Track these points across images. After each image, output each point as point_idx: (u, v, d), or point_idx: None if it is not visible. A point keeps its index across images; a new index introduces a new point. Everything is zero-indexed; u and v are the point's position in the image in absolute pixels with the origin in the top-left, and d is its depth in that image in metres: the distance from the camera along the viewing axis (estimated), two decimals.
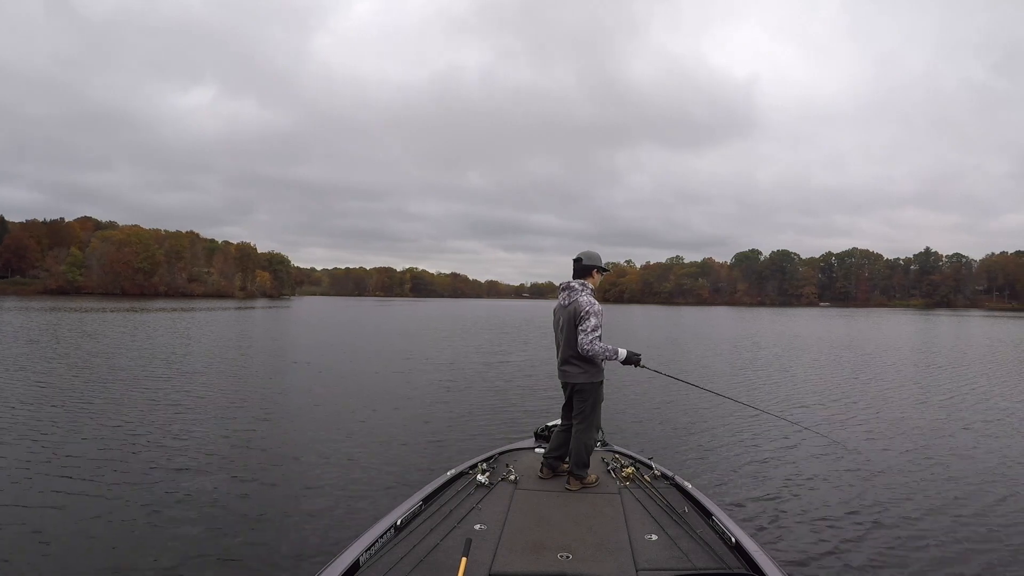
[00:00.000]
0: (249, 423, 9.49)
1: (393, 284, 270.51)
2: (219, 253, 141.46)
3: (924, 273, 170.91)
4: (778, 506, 6.07)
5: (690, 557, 3.16)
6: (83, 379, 13.35)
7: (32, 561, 4.59)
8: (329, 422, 9.65)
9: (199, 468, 7.06)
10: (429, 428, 9.43)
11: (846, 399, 12.64)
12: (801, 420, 9.54)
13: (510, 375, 15.71)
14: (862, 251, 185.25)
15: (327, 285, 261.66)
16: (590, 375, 4.49)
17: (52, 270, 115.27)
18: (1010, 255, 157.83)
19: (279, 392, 12.50)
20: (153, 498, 5.99)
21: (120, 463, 7.14)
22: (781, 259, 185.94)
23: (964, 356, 22.84)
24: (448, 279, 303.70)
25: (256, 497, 6.13)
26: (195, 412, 10.17)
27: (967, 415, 10.95)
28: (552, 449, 4.61)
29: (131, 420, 9.42)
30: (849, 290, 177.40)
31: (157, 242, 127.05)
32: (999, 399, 12.74)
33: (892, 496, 6.40)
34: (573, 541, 3.35)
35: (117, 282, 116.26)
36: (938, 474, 7.25)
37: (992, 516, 5.84)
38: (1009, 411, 11.35)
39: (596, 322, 4.38)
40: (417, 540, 3.33)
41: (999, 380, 15.83)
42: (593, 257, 4.69)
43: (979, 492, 6.57)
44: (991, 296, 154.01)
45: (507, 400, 11.96)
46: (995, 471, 7.39)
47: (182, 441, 8.24)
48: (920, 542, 5.19)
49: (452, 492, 4.11)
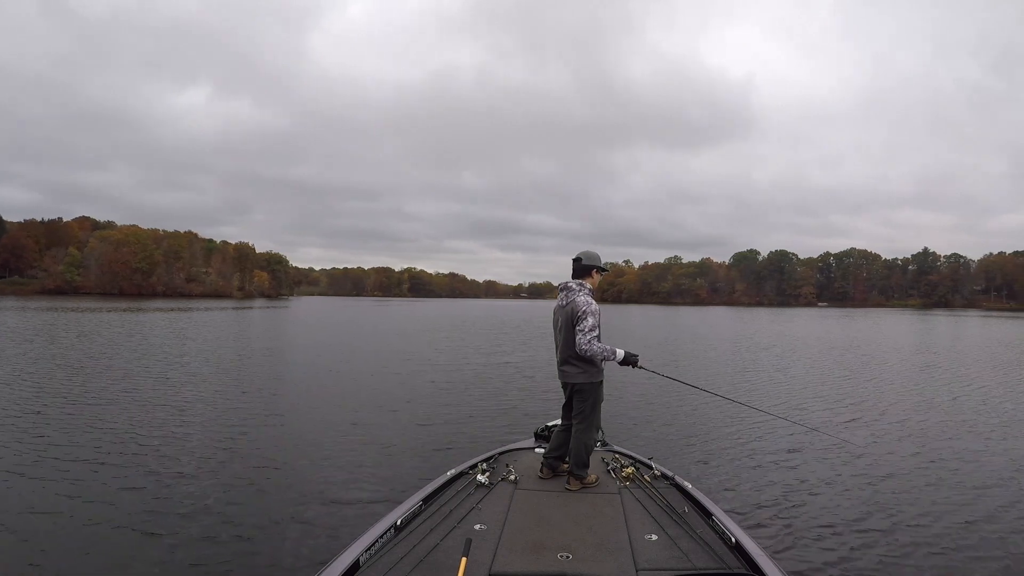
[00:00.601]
0: (248, 424, 9.47)
1: (391, 284, 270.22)
2: (217, 253, 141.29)
3: (922, 273, 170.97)
4: (778, 506, 6.07)
5: (690, 557, 3.16)
6: (78, 380, 13.32)
7: (24, 572, 4.55)
8: (329, 423, 9.64)
9: (198, 468, 7.04)
10: (429, 428, 9.43)
11: (848, 400, 12.62)
12: (802, 421, 9.51)
13: (510, 375, 15.71)
14: (860, 251, 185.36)
15: (325, 285, 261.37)
16: (589, 375, 4.49)
17: (50, 270, 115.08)
18: (1008, 255, 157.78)
19: (278, 393, 12.49)
20: (149, 499, 5.97)
21: (117, 464, 7.13)
22: (779, 259, 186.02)
23: (967, 357, 22.81)
24: (446, 279, 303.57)
25: (256, 497, 6.12)
26: (193, 413, 10.15)
27: (971, 416, 10.88)
28: (552, 449, 4.61)
29: (129, 420, 9.40)
30: (847, 290, 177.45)
31: (155, 242, 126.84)
32: (1002, 400, 12.66)
33: (894, 497, 6.39)
34: (573, 541, 3.35)
35: (115, 282, 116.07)
36: (942, 476, 7.21)
37: (995, 519, 5.80)
38: (1014, 413, 11.28)
39: (593, 322, 4.38)
40: (417, 540, 3.33)
41: (1003, 381, 15.75)
42: (592, 257, 4.69)
43: (983, 494, 6.53)
44: (989, 296, 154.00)
45: (507, 400, 11.96)
46: (1000, 474, 7.31)
47: (179, 442, 8.22)
48: (921, 544, 5.17)
49: (452, 492, 4.11)
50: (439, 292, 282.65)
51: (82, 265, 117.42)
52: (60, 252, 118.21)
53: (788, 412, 10.92)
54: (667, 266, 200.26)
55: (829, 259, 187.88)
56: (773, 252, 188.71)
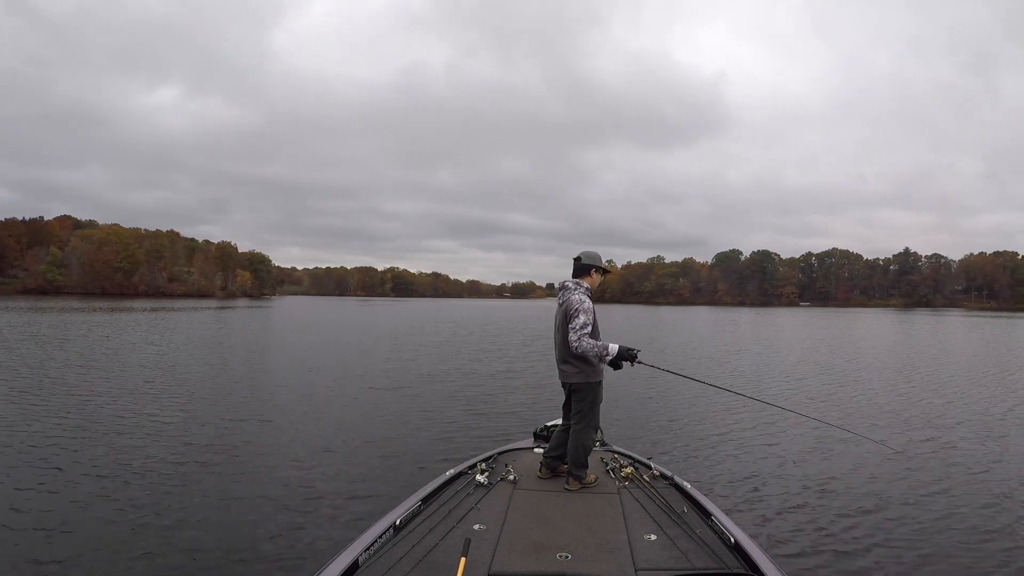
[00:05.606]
0: (244, 424, 9.41)
1: (374, 284, 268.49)
2: (199, 253, 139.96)
3: (903, 273, 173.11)
4: (778, 506, 6.10)
5: (689, 557, 3.18)
6: (66, 380, 13.15)
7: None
8: (328, 423, 9.60)
9: (196, 469, 7.00)
10: (428, 428, 9.41)
11: (854, 400, 12.65)
12: (802, 415, 9.36)
13: (508, 375, 15.73)
14: (842, 251, 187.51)
15: (308, 285, 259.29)
16: (586, 375, 4.49)
17: (31, 269, 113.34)
18: (988, 255, 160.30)
19: (272, 392, 12.43)
20: (146, 500, 5.90)
21: (113, 465, 7.04)
22: (761, 259, 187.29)
23: (964, 355, 23.01)
24: (430, 279, 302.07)
25: (255, 498, 6.08)
26: (191, 413, 10.05)
27: (976, 417, 10.83)
28: (551, 449, 4.62)
29: (126, 421, 9.29)
30: (829, 290, 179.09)
31: (137, 241, 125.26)
32: (1001, 401, 12.63)
33: (897, 498, 6.40)
34: (572, 541, 3.36)
35: (97, 282, 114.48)
36: (944, 477, 7.18)
37: (999, 522, 5.76)
38: (1012, 411, 11.32)
39: (585, 320, 4.38)
40: (416, 540, 3.33)
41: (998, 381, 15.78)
42: (592, 257, 4.74)
43: (986, 496, 6.50)
44: (970, 296, 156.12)
45: (506, 400, 11.97)
46: (999, 474, 7.32)
47: (177, 443, 8.15)
48: (922, 544, 5.19)
49: (451, 492, 4.11)
50: (423, 292, 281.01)
51: (64, 264, 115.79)
52: (42, 251, 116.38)
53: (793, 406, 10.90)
54: (650, 266, 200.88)
55: (811, 259, 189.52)
56: (755, 252, 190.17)
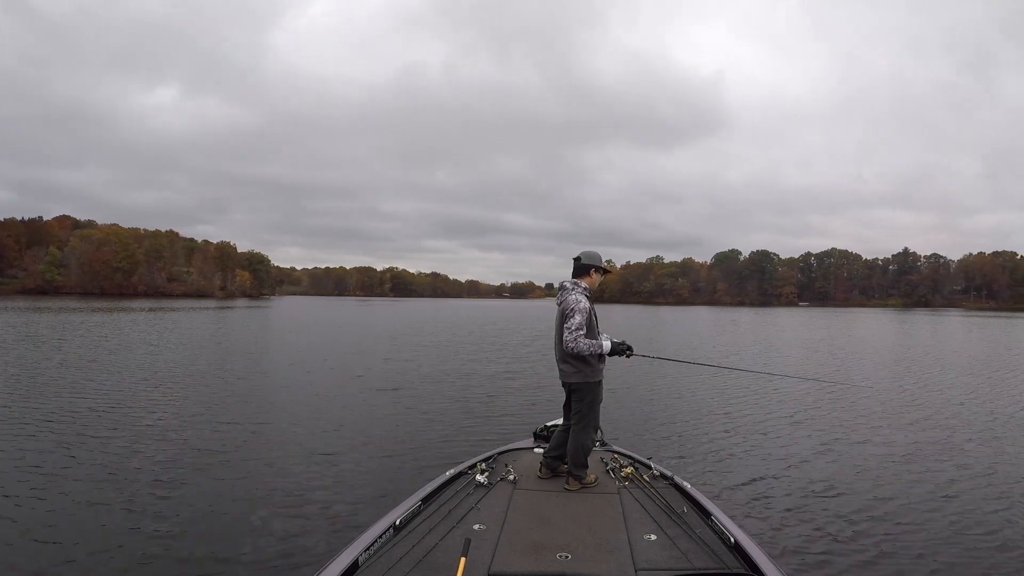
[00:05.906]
0: (244, 424, 9.40)
1: (373, 284, 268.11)
2: (199, 253, 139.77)
3: (902, 273, 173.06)
4: (778, 506, 6.10)
5: (689, 557, 3.18)
6: (64, 381, 13.14)
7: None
8: (327, 423, 9.59)
9: (194, 469, 6.99)
10: (428, 428, 9.40)
11: (858, 400, 12.57)
12: (806, 413, 9.30)
13: (508, 375, 15.73)
14: (841, 251, 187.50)
15: (307, 285, 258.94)
16: (585, 375, 4.50)
17: (30, 269, 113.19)
18: (987, 256, 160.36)
19: (273, 392, 12.43)
20: (143, 502, 5.90)
21: (111, 466, 7.04)
22: (761, 259, 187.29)
23: (964, 356, 22.94)
24: (429, 279, 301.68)
25: (254, 498, 6.08)
26: (190, 414, 10.04)
27: (976, 418, 10.78)
28: (551, 449, 4.63)
29: (124, 422, 9.29)
30: (828, 290, 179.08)
31: (136, 241, 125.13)
32: (1002, 402, 12.53)
33: (896, 498, 6.39)
34: (572, 541, 3.36)
35: (96, 282, 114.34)
36: (945, 477, 7.17)
37: (1002, 522, 5.75)
38: (1014, 413, 11.27)
39: (580, 320, 4.40)
40: (416, 540, 3.34)
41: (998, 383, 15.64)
42: (592, 257, 4.75)
43: (989, 498, 6.47)
44: (969, 296, 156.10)
45: (505, 400, 11.97)
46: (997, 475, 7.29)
47: (176, 444, 8.13)
48: (921, 545, 5.18)
49: (451, 492, 4.12)
50: (422, 292, 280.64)
51: (63, 265, 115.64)
52: (41, 251, 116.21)
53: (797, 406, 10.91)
54: (649, 266, 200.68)
55: (810, 259, 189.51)
56: (754, 252, 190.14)
